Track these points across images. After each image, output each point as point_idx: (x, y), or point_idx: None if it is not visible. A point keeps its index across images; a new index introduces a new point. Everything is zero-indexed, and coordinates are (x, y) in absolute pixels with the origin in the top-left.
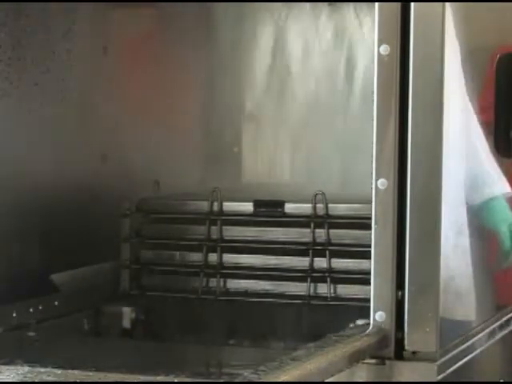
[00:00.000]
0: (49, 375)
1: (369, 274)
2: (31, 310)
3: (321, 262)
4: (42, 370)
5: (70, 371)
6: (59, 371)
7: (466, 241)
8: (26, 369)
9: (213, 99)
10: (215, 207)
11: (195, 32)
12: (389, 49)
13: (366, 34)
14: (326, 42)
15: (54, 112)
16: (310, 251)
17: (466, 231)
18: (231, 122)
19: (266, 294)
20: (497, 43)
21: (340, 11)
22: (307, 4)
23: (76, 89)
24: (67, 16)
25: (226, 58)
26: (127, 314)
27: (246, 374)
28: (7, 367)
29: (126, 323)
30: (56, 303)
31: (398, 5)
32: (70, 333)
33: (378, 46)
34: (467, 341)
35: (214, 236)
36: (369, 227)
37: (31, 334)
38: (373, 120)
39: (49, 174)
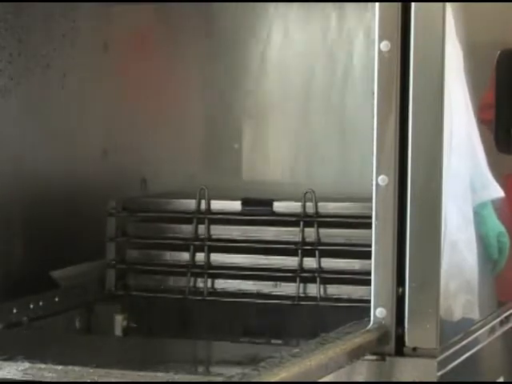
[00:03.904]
0: (49, 372)
1: (360, 274)
2: (31, 305)
3: (310, 262)
4: (43, 366)
5: (70, 367)
6: (59, 367)
7: (466, 237)
8: (27, 365)
9: (212, 97)
10: (203, 206)
11: (195, 29)
12: (389, 45)
13: (367, 31)
14: (327, 39)
15: (54, 109)
16: (300, 251)
17: (467, 227)
18: (231, 121)
19: (255, 295)
20: (501, 40)
21: (341, 8)
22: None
23: (76, 85)
24: (68, 13)
25: (225, 56)
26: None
27: (246, 370)
28: (8, 363)
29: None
30: (56, 299)
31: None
32: (64, 330)
33: (379, 43)
34: (468, 337)
35: (202, 235)
36: (360, 226)
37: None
38: (373, 116)
39: (42, 171)
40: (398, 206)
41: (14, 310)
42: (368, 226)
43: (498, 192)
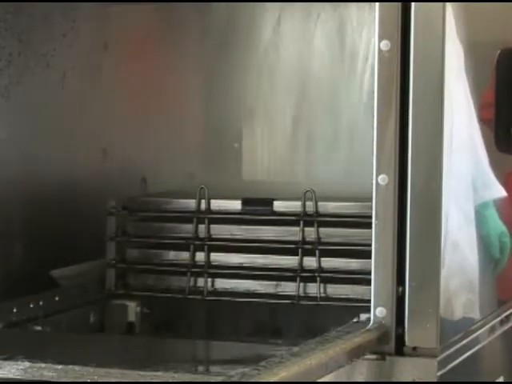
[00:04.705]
0: (49, 371)
1: (360, 273)
2: (31, 305)
3: (310, 262)
4: (43, 365)
5: (70, 367)
6: (59, 367)
7: (467, 236)
8: (27, 364)
9: (212, 97)
10: (203, 205)
11: (195, 29)
12: (389, 44)
13: (368, 30)
14: (326, 39)
15: (54, 109)
16: (300, 250)
17: (468, 227)
18: (231, 121)
19: (255, 294)
20: (501, 40)
21: (340, 8)
22: (306, 3)
23: (76, 85)
24: (68, 13)
25: (225, 56)
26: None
27: (246, 370)
28: (8, 362)
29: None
30: (56, 299)
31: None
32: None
33: (379, 42)
34: (468, 336)
35: (202, 234)
36: (360, 225)
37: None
38: (373, 116)
39: (42, 171)
40: (398, 205)
41: (14, 310)
42: (368, 225)
43: (499, 192)
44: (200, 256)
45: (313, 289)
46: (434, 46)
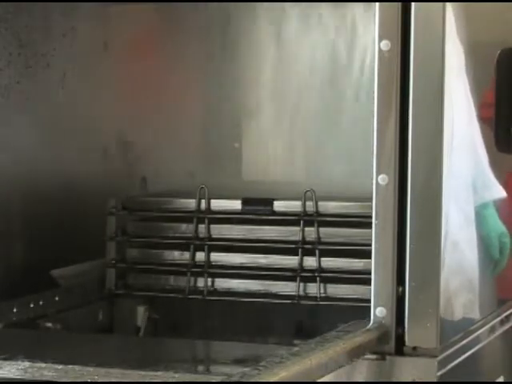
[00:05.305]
0: (49, 371)
1: (360, 273)
2: (32, 305)
3: (310, 261)
4: (43, 365)
5: (70, 367)
6: (60, 366)
7: (467, 237)
8: (27, 364)
9: (212, 96)
10: (203, 205)
11: (195, 28)
12: (389, 44)
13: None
14: (327, 39)
15: (54, 109)
16: (300, 250)
17: (468, 227)
18: (231, 120)
19: (255, 294)
20: (501, 39)
21: (341, 8)
22: (308, 3)
23: (76, 85)
24: (68, 13)
25: (225, 56)
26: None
27: (246, 370)
28: (8, 362)
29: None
30: (56, 298)
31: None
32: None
33: (379, 42)
34: (468, 336)
35: (202, 234)
36: (360, 225)
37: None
38: (373, 115)
39: (42, 171)
40: (398, 205)
41: (15, 310)
42: (368, 225)
43: (499, 192)
44: (200, 256)
45: (313, 289)
46: (434, 45)
